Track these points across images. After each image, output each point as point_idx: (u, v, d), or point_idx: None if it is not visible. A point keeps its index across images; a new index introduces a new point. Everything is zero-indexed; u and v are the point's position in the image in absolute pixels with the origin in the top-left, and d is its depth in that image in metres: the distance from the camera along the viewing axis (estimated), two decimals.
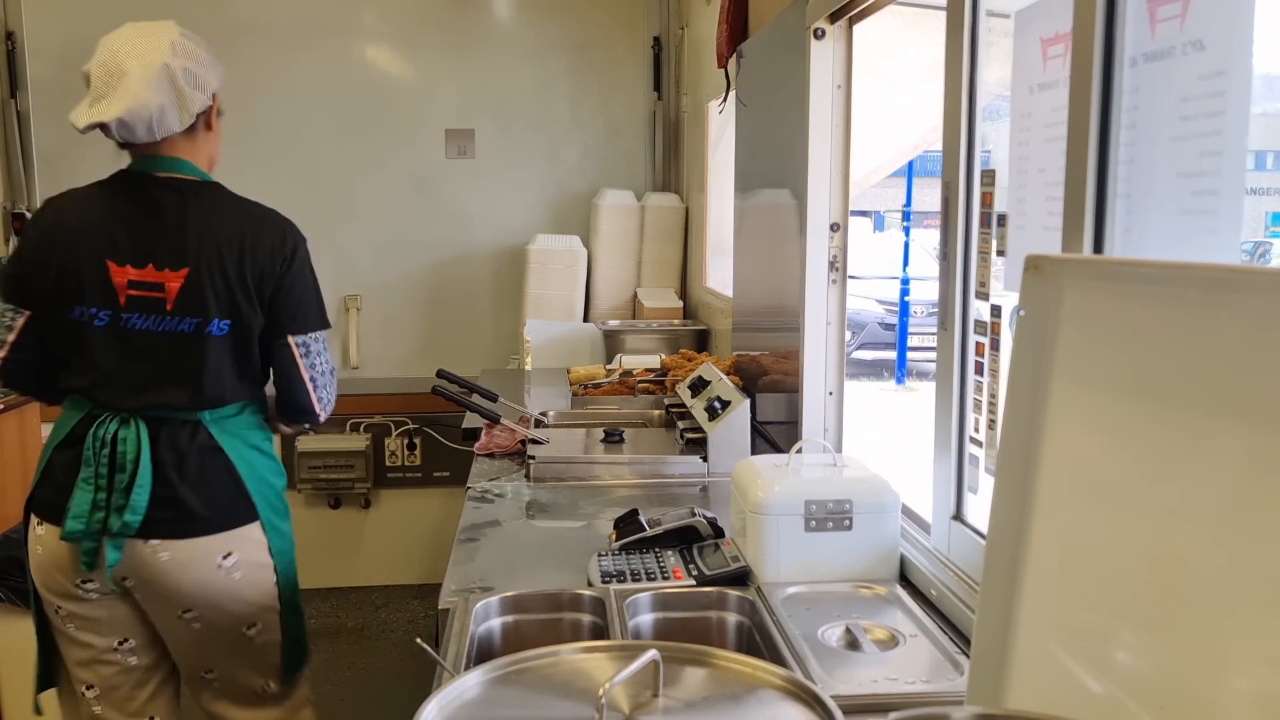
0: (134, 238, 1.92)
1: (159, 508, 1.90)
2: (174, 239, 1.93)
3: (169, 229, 1.93)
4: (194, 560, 1.94)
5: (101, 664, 2.03)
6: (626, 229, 4.26)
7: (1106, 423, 0.91)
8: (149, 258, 1.92)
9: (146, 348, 1.93)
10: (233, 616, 2.02)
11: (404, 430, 4.46)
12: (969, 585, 1.51)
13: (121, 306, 1.91)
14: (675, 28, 4.44)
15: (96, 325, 1.91)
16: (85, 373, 1.94)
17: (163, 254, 1.92)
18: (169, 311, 1.92)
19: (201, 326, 1.93)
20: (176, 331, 1.93)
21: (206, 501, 1.94)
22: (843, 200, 2.25)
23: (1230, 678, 0.78)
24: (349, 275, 4.48)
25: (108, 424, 1.91)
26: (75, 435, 1.94)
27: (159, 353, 1.93)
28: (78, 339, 1.93)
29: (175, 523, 1.92)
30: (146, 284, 1.91)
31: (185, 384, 1.94)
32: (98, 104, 1.87)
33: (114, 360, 1.93)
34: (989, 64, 1.56)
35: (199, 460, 1.94)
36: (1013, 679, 0.99)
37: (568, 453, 2.49)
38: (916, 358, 10.44)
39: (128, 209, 1.95)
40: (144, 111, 1.87)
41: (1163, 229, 1.12)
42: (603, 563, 1.71)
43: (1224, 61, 1.01)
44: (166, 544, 1.92)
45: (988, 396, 1.52)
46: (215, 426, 1.97)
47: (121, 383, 1.93)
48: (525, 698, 0.93)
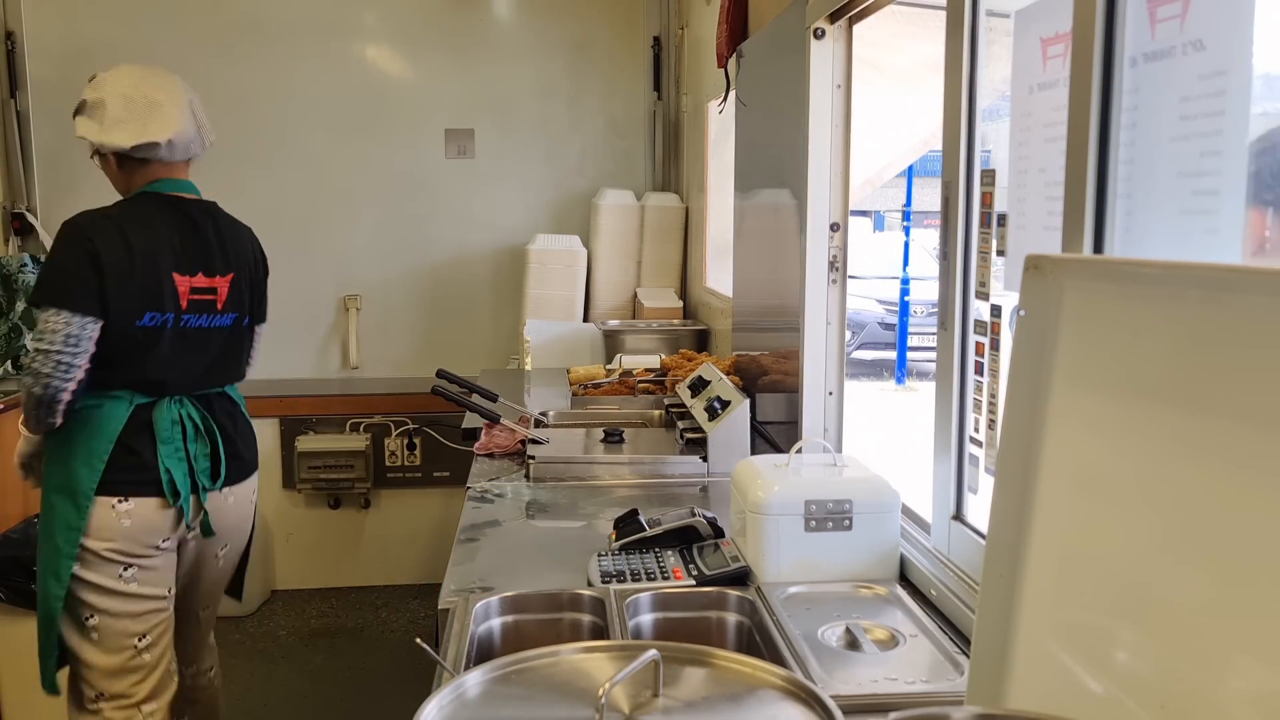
0: (189, 250, 2.32)
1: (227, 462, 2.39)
2: (217, 250, 2.36)
3: (210, 242, 2.36)
4: (244, 498, 2.49)
5: (154, 613, 2.37)
6: (626, 229, 4.26)
7: (1106, 423, 0.91)
8: (199, 267, 2.33)
9: (200, 342, 2.34)
10: (242, 543, 2.56)
11: (404, 430, 4.46)
12: (969, 585, 1.51)
13: (183, 310, 2.29)
14: (675, 28, 4.44)
15: (167, 328, 2.27)
16: (147, 369, 2.26)
17: (215, 264, 2.36)
18: (219, 311, 2.37)
19: (239, 320, 2.43)
20: (223, 327, 2.38)
21: (250, 451, 2.49)
22: (843, 200, 2.25)
23: (1230, 678, 0.78)
24: (349, 275, 4.48)
25: (170, 408, 2.30)
26: (138, 423, 2.27)
27: (210, 345, 2.36)
28: (144, 342, 2.25)
29: (237, 471, 2.43)
30: (202, 289, 2.33)
31: (229, 366, 2.43)
32: (146, 126, 2.25)
33: (175, 355, 2.30)
34: (989, 63, 1.56)
35: (238, 421, 2.46)
36: (1013, 679, 0.99)
37: (568, 453, 2.49)
38: (916, 358, 10.44)
39: (178, 224, 2.32)
40: (184, 135, 2.31)
41: (1163, 229, 1.12)
42: (603, 563, 1.71)
43: (1224, 61, 1.01)
44: (232, 489, 2.43)
45: (988, 396, 1.52)
46: (236, 395, 2.49)
47: (181, 372, 2.32)
48: (525, 698, 0.93)
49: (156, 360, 2.26)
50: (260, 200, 4.30)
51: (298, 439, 4.38)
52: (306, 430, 4.40)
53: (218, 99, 4.29)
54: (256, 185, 4.32)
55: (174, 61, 4.15)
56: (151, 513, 2.27)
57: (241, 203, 4.59)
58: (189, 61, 4.20)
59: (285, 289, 4.36)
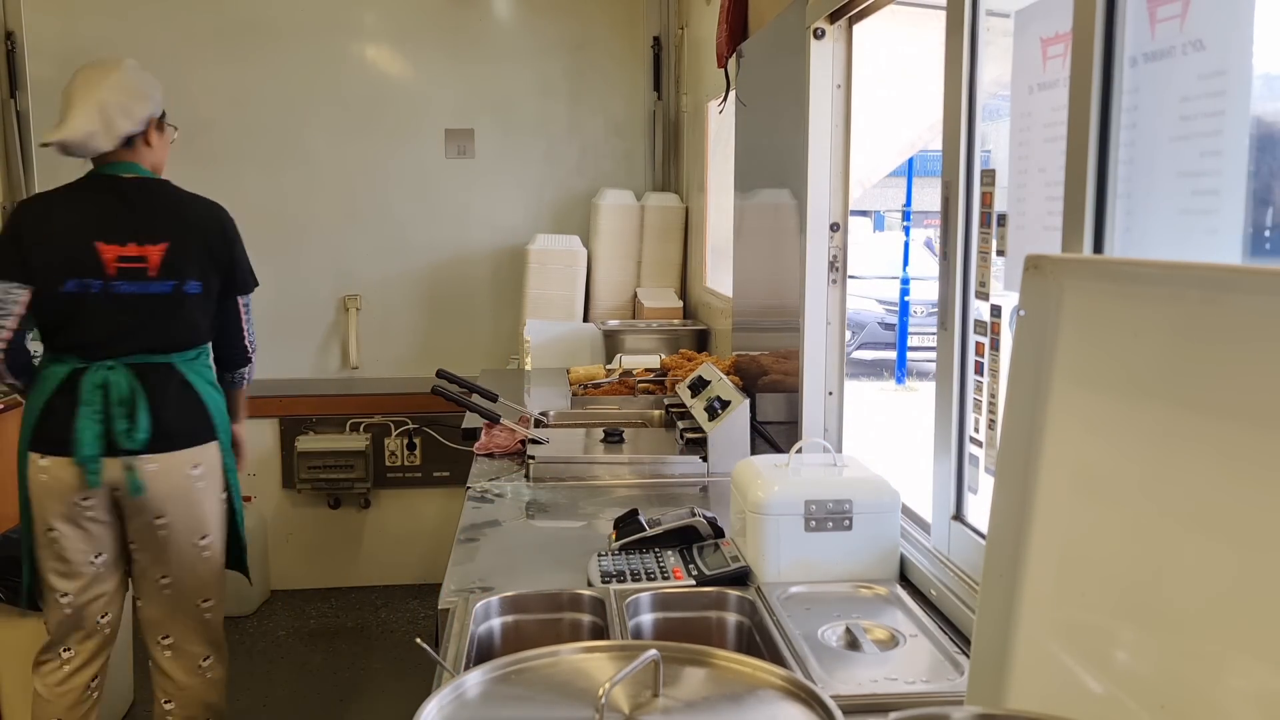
0: (117, 222, 2.47)
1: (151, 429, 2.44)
2: (148, 221, 2.49)
3: (142, 214, 2.49)
4: (171, 469, 2.49)
5: (76, 575, 2.52)
6: (626, 229, 4.25)
7: (1106, 423, 0.91)
8: (130, 237, 2.46)
9: (132, 306, 2.46)
10: (191, 522, 2.55)
11: (404, 430, 4.46)
12: (969, 585, 1.51)
13: (112, 276, 2.44)
14: (675, 27, 4.44)
15: (91, 293, 2.43)
16: (78, 333, 2.45)
17: (144, 233, 2.47)
18: (152, 277, 2.47)
19: (179, 287, 2.50)
20: (161, 294, 2.48)
21: (185, 424, 2.51)
22: (843, 200, 2.25)
23: (1230, 677, 0.78)
24: (349, 275, 4.48)
25: (98, 371, 2.43)
26: (69, 384, 2.43)
27: (143, 310, 2.47)
28: (72, 305, 2.43)
29: (162, 439, 2.46)
30: (131, 257, 2.46)
31: (161, 333, 2.49)
32: (57, 128, 2.45)
33: (104, 318, 2.45)
34: (988, 62, 1.56)
35: (177, 392, 2.50)
36: (1013, 679, 0.99)
37: (568, 453, 2.49)
38: (916, 358, 10.43)
39: (109, 200, 2.50)
40: (75, 138, 2.43)
41: (1163, 229, 1.12)
42: (603, 563, 1.71)
43: (1224, 61, 1.01)
44: (155, 457, 2.46)
45: (988, 396, 1.52)
46: (184, 366, 2.53)
47: (113, 336, 2.45)
48: (525, 698, 0.93)
49: (87, 324, 2.44)
50: (260, 200, 4.32)
51: (297, 439, 4.38)
52: (306, 430, 4.40)
53: (218, 99, 4.31)
54: (256, 185, 4.31)
55: (173, 61, 4.19)
56: (63, 470, 2.43)
57: (242, 203, 4.60)
58: (189, 61, 4.22)
59: (285, 289, 4.40)
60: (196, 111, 4.18)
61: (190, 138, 4.13)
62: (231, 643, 4.02)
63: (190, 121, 4.11)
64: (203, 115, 4.20)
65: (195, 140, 4.17)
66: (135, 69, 2.55)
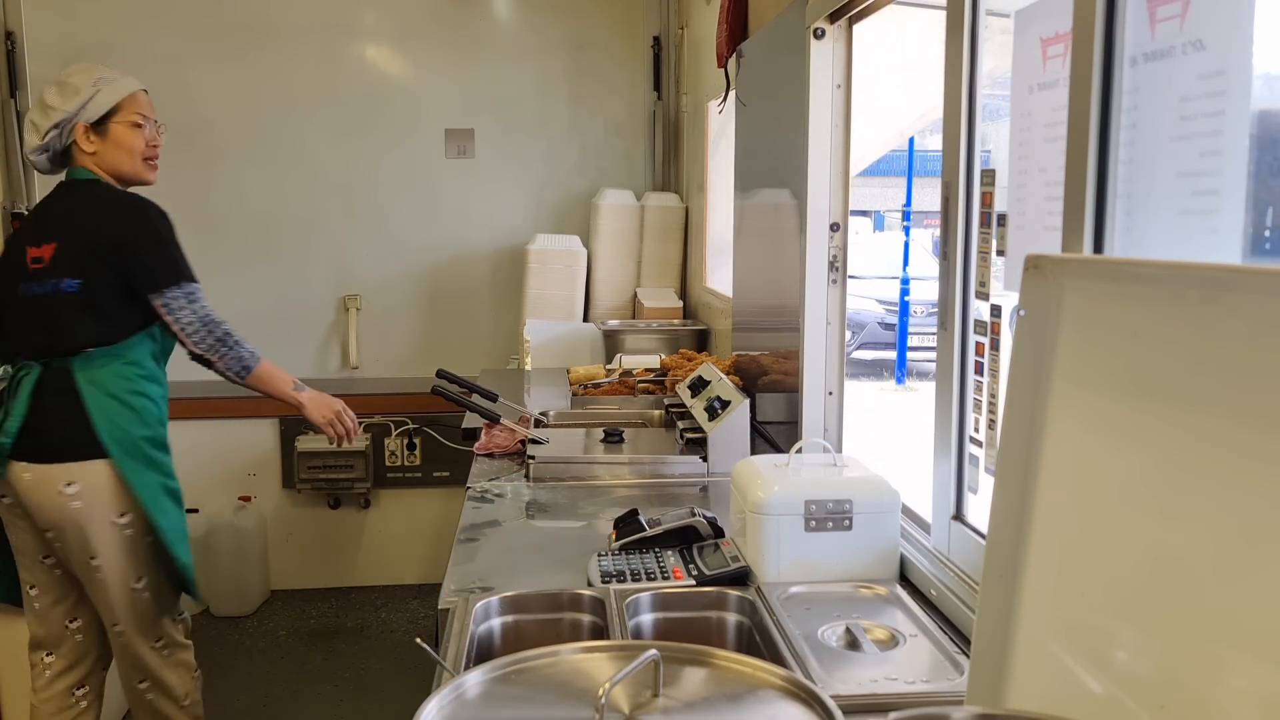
0: (36, 223, 2.52)
1: (25, 435, 2.38)
2: (49, 221, 2.49)
3: (48, 215, 2.51)
4: (43, 483, 2.37)
5: (32, 569, 2.52)
6: (626, 229, 4.25)
7: (1107, 423, 0.91)
8: (41, 237, 2.46)
9: (34, 307, 2.44)
10: (76, 543, 2.40)
11: (404, 430, 4.46)
12: (969, 585, 1.51)
13: (29, 278, 2.44)
14: (675, 27, 4.44)
15: (16, 294, 2.45)
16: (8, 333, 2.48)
17: (42, 233, 2.47)
18: (52, 276, 2.42)
19: (57, 285, 2.41)
20: (45, 294, 2.42)
21: (56, 434, 2.38)
22: (843, 200, 2.25)
23: (1230, 677, 0.78)
24: (348, 275, 4.48)
25: (19, 372, 2.43)
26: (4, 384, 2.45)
27: (39, 310, 2.43)
28: (11, 308, 2.47)
29: (32, 448, 2.38)
30: (36, 258, 2.45)
31: (51, 334, 2.41)
32: None
33: (19, 319, 2.46)
34: (984, 56, 1.56)
35: (56, 399, 2.38)
36: (1013, 679, 0.99)
37: (568, 453, 2.49)
38: (916, 358, 10.44)
39: (43, 204, 2.58)
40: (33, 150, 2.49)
41: (1163, 229, 1.12)
42: (603, 563, 1.71)
43: (1224, 61, 1.01)
44: (28, 466, 2.38)
45: (988, 396, 1.52)
46: (81, 374, 2.39)
47: (23, 337, 2.45)
48: (525, 698, 0.93)
49: (10, 325, 2.48)
50: (260, 200, 4.32)
51: (297, 439, 4.38)
52: (306, 430, 4.39)
53: (218, 99, 4.31)
54: (256, 185, 4.32)
55: (173, 61, 4.20)
56: None
57: (241, 202, 4.60)
58: (189, 61, 4.22)
59: (285, 289, 4.41)
60: (196, 111, 4.18)
61: (190, 138, 4.14)
62: (231, 643, 4.05)
63: (190, 121, 4.13)
64: (203, 115, 4.21)
65: (195, 140, 4.18)
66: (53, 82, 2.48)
